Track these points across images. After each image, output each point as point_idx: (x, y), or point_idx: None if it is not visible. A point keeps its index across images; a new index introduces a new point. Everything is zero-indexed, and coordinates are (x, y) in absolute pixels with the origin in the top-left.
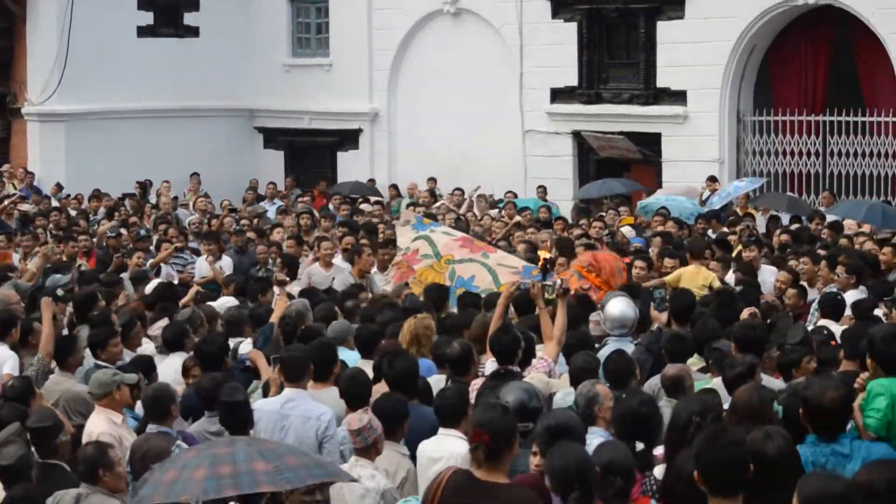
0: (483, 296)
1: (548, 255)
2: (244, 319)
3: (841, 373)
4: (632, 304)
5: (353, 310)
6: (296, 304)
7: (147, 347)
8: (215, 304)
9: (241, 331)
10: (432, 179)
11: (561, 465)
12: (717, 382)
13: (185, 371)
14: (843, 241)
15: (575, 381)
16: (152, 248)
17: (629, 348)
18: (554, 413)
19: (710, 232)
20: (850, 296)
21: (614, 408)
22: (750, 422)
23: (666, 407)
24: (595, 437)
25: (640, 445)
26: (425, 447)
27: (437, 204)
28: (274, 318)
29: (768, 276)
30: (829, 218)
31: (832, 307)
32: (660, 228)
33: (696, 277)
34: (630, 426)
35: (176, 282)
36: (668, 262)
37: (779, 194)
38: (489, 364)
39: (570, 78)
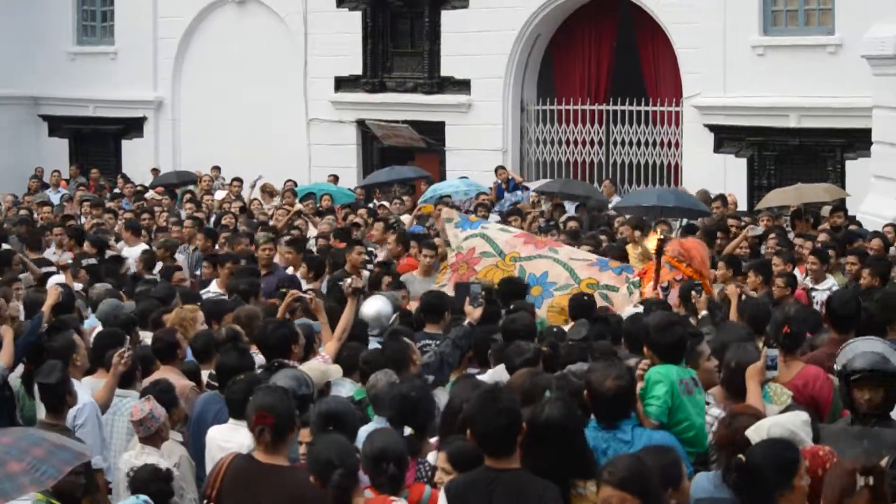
0: (565, 291)
1: (661, 238)
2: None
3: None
4: (388, 303)
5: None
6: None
7: None
8: None
9: None
10: (216, 168)
11: (322, 450)
12: None
13: None
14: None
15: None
16: None
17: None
18: (327, 400)
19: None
20: None
21: (387, 394)
22: (525, 406)
23: None
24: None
25: (408, 430)
26: (215, 434)
27: (220, 195)
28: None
29: None
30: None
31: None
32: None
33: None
34: (400, 411)
35: None
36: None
37: (568, 181)
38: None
39: (355, 67)
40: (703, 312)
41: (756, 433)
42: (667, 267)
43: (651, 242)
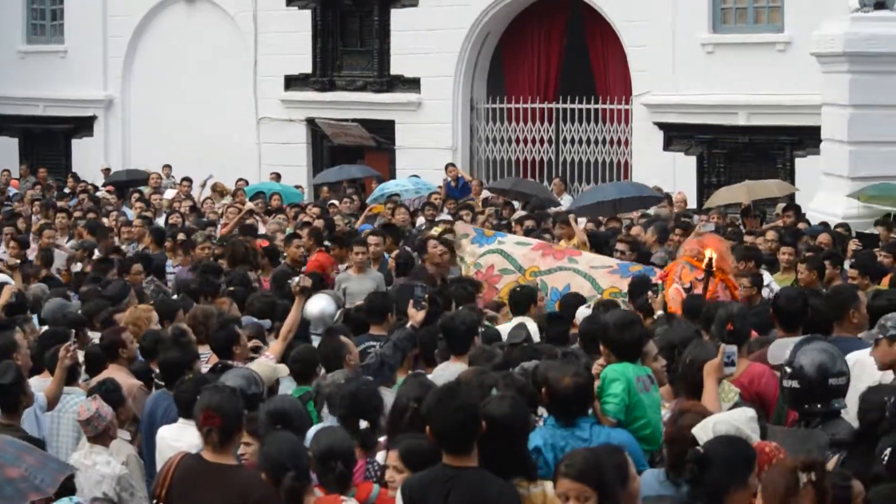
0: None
1: (712, 255)
2: None
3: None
4: (331, 301)
5: None
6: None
7: None
8: None
9: None
10: (167, 167)
11: (274, 451)
12: None
13: None
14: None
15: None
16: None
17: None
18: (274, 399)
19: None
20: None
21: (336, 393)
22: None
23: None
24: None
25: (363, 424)
26: (165, 433)
27: (170, 194)
28: None
29: None
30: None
31: None
32: None
33: None
34: (351, 408)
35: None
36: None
37: (525, 180)
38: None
39: (304, 65)
40: (659, 312)
41: (702, 430)
42: (687, 267)
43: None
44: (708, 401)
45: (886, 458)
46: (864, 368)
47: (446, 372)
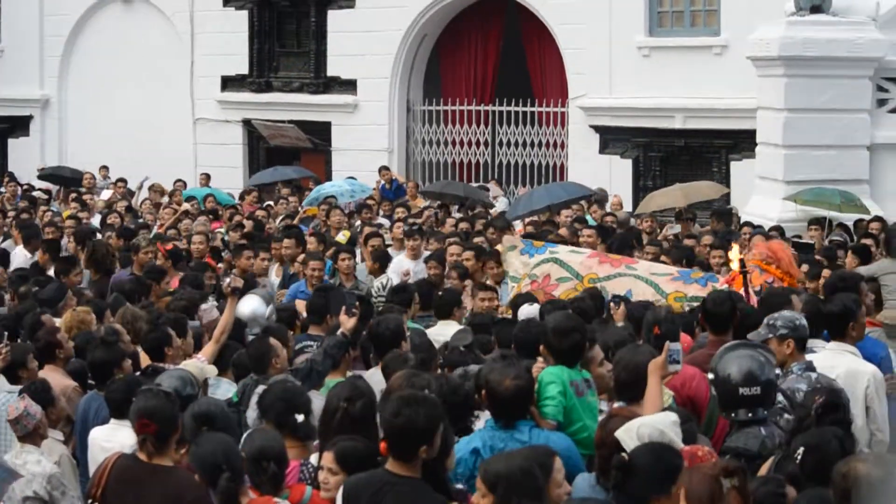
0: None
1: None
2: None
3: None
4: (263, 302)
5: None
6: None
7: None
8: None
9: None
10: (104, 167)
11: (208, 452)
12: None
13: None
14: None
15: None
16: None
17: None
18: (199, 402)
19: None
20: None
21: (262, 397)
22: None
23: None
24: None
25: (300, 417)
26: (97, 435)
27: (106, 195)
28: None
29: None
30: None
31: None
32: None
33: None
34: (285, 404)
35: None
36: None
37: (455, 182)
38: None
39: (241, 66)
40: (620, 323)
41: (626, 434)
42: (757, 271)
43: (733, 253)
44: (650, 399)
45: (799, 457)
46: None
47: (374, 378)
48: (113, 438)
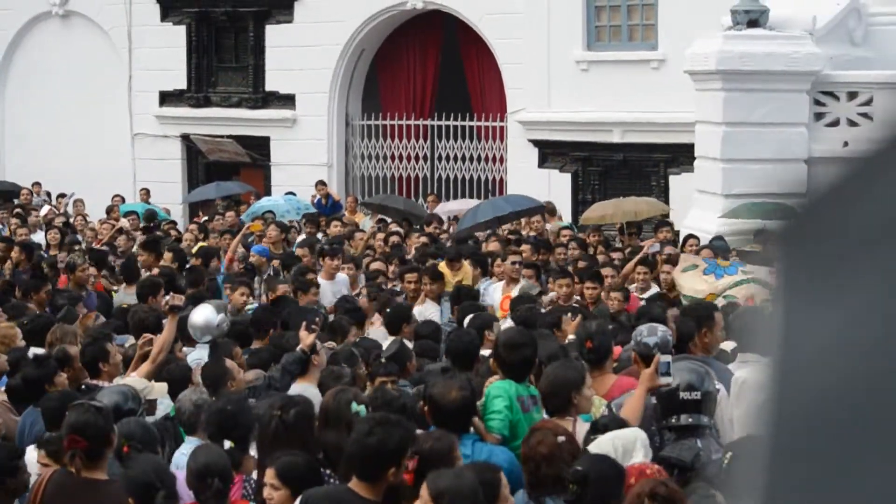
0: None
1: None
2: None
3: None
4: (215, 311)
5: None
6: None
7: None
8: None
9: None
10: (37, 184)
11: (140, 472)
12: None
13: None
14: None
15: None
16: None
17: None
18: (122, 423)
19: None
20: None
21: (196, 414)
22: (331, 424)
23: None
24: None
25: (227, 444)
26: (33, 453)
27: (44, 210)
28: None
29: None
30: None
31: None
32: None
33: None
34: (219, 425)
35: None
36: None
37: (392, 196)
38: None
39: (179, 81)
40: (571, 337)
41: (598, 449)
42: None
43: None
44: (630, 409)
45: (727, 461)
46: (748, 386)
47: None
48: None
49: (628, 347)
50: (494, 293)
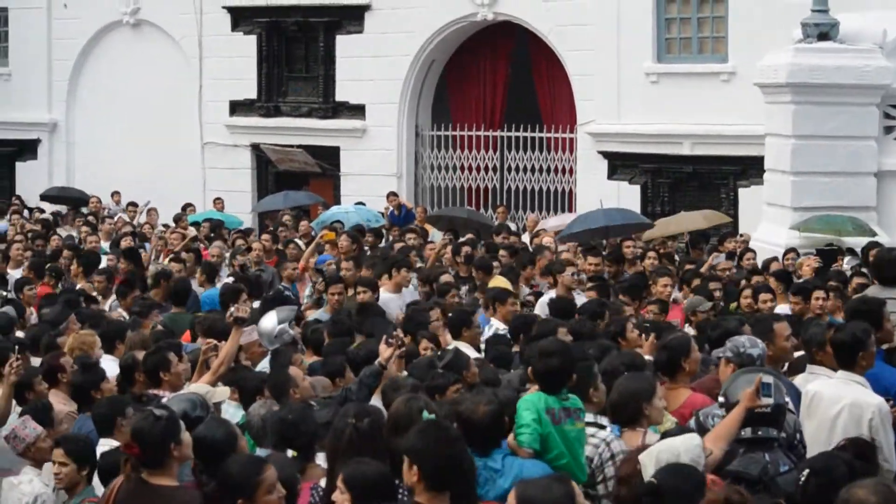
0: None
1: None
2: None
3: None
4: (276, 320)
5: None
6: None
7: None
8: None
9: None
10: (117, 193)
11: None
12: None
13: None
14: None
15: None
16: None
17: None
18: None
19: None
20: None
21: (268, 421)
22: (401, 432)
23: None
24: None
25: (290, 453)
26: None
27: (115, 218)
28: None
29: None
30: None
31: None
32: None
33: None
34: (281, 435)
35: None
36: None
37: (455, 207)
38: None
39: (250, 91)
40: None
41: (647, 458)
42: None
43: None
44: (724, 428)
45: (802, 480)
46: (820, 400)
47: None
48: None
49: (717, 355)
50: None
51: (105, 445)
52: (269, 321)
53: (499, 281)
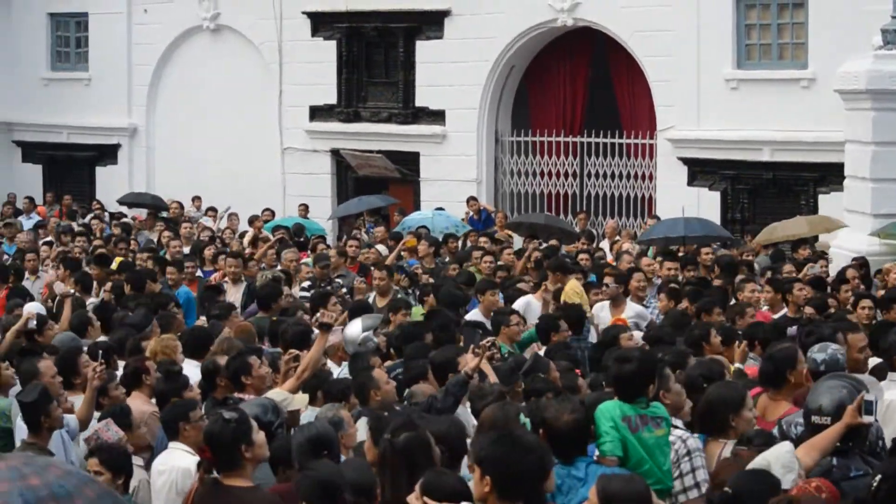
0: None
1: None
2: None
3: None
4: (360, 327)
5: None
6: None
7: None
8: None
9: None
10: (198, 198)
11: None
12: None
13: None
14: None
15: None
16: None
17: None
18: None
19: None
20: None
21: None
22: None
23: None
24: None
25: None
26: (157, 460)
27: (195, 224)
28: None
29: None
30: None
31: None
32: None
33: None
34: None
35: None
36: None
37: (536, 213)
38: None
39: (329, 96)
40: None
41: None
42: None
43: None
44: (821, 439)
45: (875, 484)
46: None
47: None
48: (167, 461)
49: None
50: (601, 312)
51: (175, 449)
52: (355, 328)
53: (573, 285)
